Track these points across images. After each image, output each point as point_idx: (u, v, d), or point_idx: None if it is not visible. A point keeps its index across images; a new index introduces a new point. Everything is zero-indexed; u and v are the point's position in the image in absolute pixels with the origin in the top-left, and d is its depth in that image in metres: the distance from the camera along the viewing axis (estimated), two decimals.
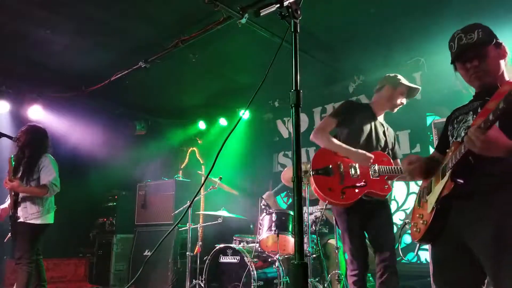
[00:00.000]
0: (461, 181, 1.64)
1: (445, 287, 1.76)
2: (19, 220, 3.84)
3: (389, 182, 3.02)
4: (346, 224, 3.03)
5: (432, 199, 1.76)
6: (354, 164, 3.01)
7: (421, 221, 1.80)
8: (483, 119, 1.50)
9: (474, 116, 1.78)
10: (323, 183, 3.00)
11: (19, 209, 3.87)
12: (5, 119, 5.58)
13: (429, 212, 1.74)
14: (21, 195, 3.90)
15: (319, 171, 3.02)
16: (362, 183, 2.97)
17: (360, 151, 3.01)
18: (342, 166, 3.03)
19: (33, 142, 4.01)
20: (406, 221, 1.93)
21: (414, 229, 1.85)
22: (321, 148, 3.15)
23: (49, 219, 3.99)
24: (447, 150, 1.82)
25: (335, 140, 3.09)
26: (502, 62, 1.84)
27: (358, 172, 2.99)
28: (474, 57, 1.79)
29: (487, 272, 1.59)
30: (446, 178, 1.70)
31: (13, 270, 5.09)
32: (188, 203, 4.48)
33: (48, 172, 3.92)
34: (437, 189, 1.74)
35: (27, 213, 3.85)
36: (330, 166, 3.02)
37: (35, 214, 3.87)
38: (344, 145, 3.05)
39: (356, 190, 2.95)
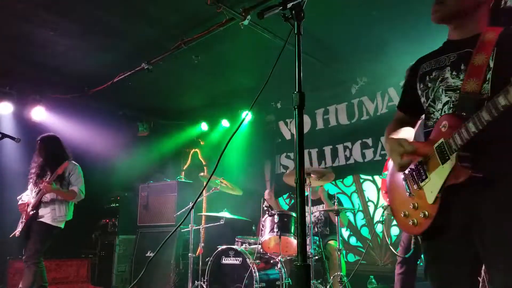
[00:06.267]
0: (480, 174, 1.35)
1: (440, 283, 1.57)
2: (38, 220, 3.95)
3: None
4: None
5: (431, 187, 1.48)
6: None
7: (421, 214, 1.52)
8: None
9: (454, 73, 1.50)
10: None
11: (47, 210, 4.00)
12: (8, 120, 5.61)
13: (432, 203, 1.47)
14: (49, 197, 4.03)
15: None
16: None
17: None
18: None
19: (52, 155, 4.18)
20: (384, 206, 1.76)
21: (410, 222, 1.56)
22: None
23: (63, 224, 4.14)
24: (429, 122, 1.57)
25: None
26: (483, 5, 1.54)
27: None
28: None
29: (491, 267, 1.40)
30: (451, 163, 1.40)
31: (16, 271, 5.12)
32: (191, 205, 4.49)
33: (78, 179, 4.14)
34: (438, 175, 1.46)
35: (56, 215, 4.01)
36: None
37: (61, 218, 4.05)
38: None
39: None
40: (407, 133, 1.74)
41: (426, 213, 1.50)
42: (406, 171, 1.62)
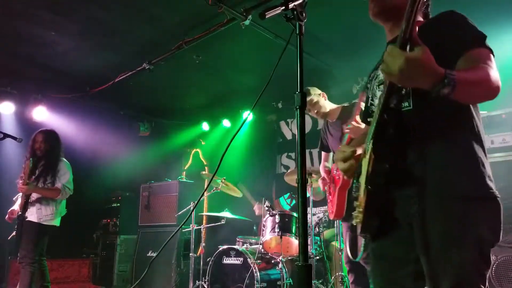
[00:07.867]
0: (387, 164, 1.33)
1: (382, 283, 1.50)
2: (27, 220, 3.91)
3: None
4: None
5: (362, 180, 1.43)
6: None
7: (359, 209, 1.45)
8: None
9: None
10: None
11: (33, 209, 3.95)
12: (10, 120, 5.62)
13: (363, 196, 1.42)
14: (35, 196, 3.98)
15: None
16: None
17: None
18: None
19: (52, 150, 4.12)
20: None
21: (354, 220, 1.50)
22: None
23: (58, 221, 4.08)
24: (369, 119, 1.51)
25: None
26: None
27: None
28: None
29: (426, 271, 1.33)
30: (368, 153, 1.38)
31: (17, 270, 5.12)
32: (192, 205, 4.49)
33: (62, 175, 4.05)
34: (364, 168, 1.42)
35: (42, 214, 3.95)
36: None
37: (49, 216, 3.98)
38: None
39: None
40: None
41: (361, 207, 1.44)
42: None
